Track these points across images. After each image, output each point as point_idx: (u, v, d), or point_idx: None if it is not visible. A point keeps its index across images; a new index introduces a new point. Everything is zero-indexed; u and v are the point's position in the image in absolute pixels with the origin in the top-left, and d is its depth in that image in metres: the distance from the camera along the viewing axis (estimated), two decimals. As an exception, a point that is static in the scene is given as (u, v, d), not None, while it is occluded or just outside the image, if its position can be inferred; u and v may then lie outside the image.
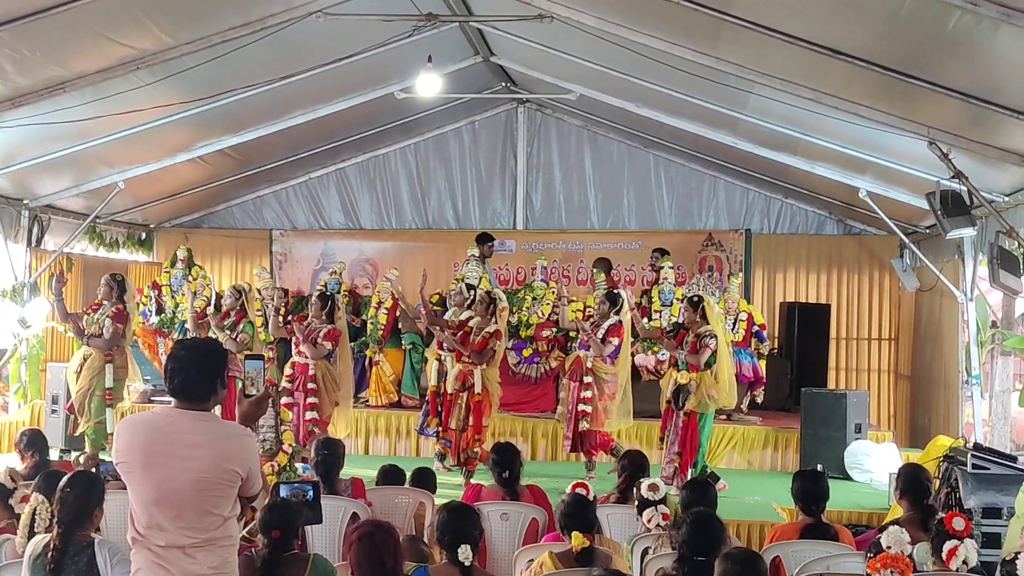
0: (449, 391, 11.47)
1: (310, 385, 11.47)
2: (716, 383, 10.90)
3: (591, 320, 11.85)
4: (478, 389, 11.28)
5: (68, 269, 14.16)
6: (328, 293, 12.24)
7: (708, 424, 10.97)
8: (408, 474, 8.94)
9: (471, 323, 11.55)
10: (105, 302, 11.72)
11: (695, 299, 11.09)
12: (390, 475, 8.79)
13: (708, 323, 10.88)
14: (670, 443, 10.89)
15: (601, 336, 11.46)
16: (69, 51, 9.92)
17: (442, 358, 11.96)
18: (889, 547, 5.13)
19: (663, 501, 6.78)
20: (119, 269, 15.96)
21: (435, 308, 12.59)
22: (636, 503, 6.93)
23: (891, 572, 5.15)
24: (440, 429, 11.57)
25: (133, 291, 12.24)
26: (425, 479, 8.79)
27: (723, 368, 11.05)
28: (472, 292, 12.03)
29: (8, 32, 8.82)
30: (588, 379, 11.50)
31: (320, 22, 10.46)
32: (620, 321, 11.62)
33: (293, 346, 11.83)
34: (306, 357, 11.55)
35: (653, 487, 6.86)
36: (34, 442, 8.62)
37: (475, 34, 13.29)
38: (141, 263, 17.56)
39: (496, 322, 11.39)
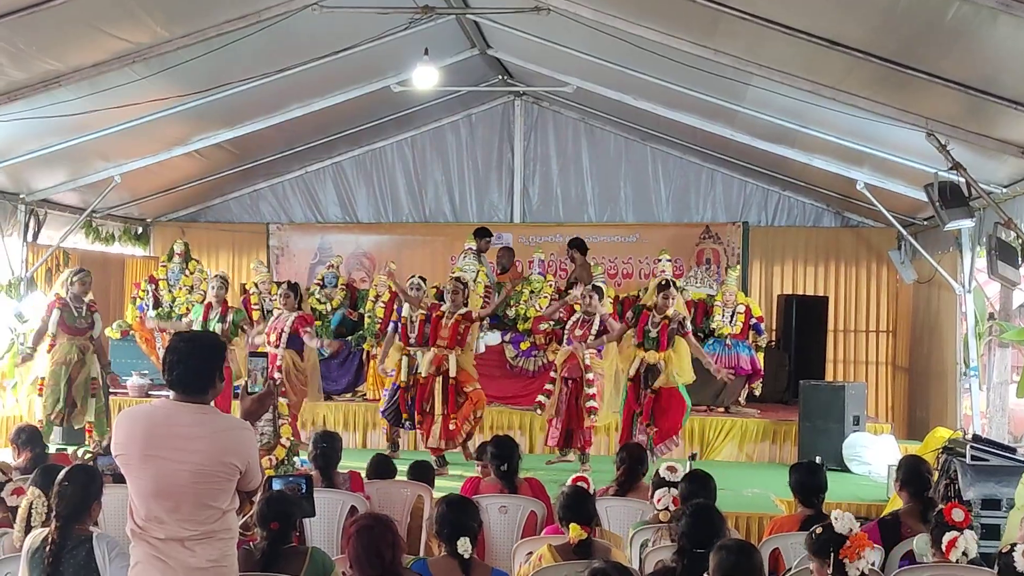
0: (423, 374, 11.61)
1: (275, 375, 11.38)
2: (679, 360, 11.17)
3: (578, 317, 11.88)
4: (452, 372, 11.43)
5: (65, 264, 14.20)
6: (294, 283, 12.28)
7: (684, 392, 11.27)
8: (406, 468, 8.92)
9: (443, 307, 11.77)
10: (77, 294, 11.90)
11: (663, 283, 11.32)
12: (381, 466, 8.76)
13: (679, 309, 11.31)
14: (641, 420, 11.08)
15: (597, 331, 11.57)
16: (64, 45, 9.87)
17: (411, 352, 11.95)
18: (851, 530, 5.09)
19: (676, 485, 6.82)
20: (115, 263, 16.68)
21: (433, 301, 12.52)
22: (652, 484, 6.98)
23: (869, 551, 5.12)
24: (417, 417, 11.74)
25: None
26: (423, 473, 8.77)
27: (681, 345, 11.23)
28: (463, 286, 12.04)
29: (3, 26, 8.77)
30: (590, 375, 11.57)
31: (316, 15, 10.40)
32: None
33: (264, 336, 11.87)
34: (274, 347, 11.60)
35: (672, 468, 6.93)
36: (32, 439, 8.60)
37: (472, 27, 13.23)
38: (138, 257, 17.53)
39: (467, 305, 11.76)
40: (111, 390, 12.37)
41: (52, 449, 10.22)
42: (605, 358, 11.85)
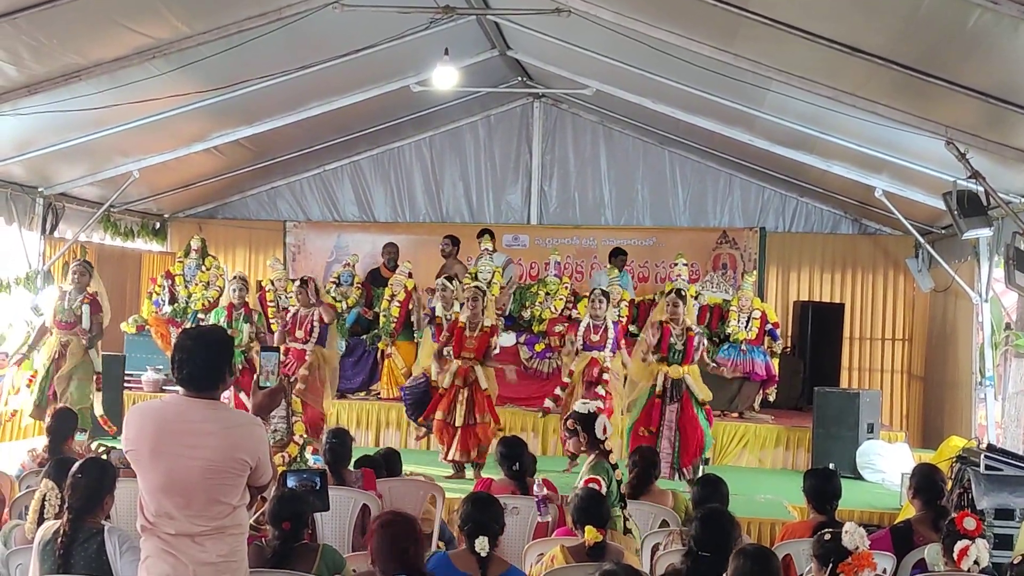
0: (445, 386, 11.54)
1: (302, 371, 11.61)
2: (696, 377, 11.20)
3: (588, 323, 11.95)
4: (484, 384, 11.41)
5: (82, 257, 14.09)
6: (306, 279, 12.32)
7: (703, 410, 11.17)
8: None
9: (462, 318, 11.66)
10: (73, 288, 11.84)
11: (671, 292, 11.41)
12: (390, 458, 8.77)
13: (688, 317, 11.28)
14: (666, 438, 10.97)
15: (613, 337, 11.77)
16: (86, 39, 9.88)
17: (446, 353, 11.93)
18: (857, 548, 5.08)
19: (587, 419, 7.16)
20: (133, 258, 16.80)
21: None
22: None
23: (868, 571, 5.10)
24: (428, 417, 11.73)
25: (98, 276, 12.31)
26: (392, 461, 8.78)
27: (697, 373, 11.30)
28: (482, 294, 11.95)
29: (25, 19, 8.78)
30: (607, 376, 11.68)
31: (337, 13, 10.43)
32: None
33: (287, 334, 11.92)
34: (302, 343, 11.72)
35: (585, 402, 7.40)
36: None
37: (492, 27, 13.28)
38: (155, 253, 17.63)
39: (487, 315, 11.61)
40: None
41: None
42: (616, 362, 11.91)
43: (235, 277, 13.02)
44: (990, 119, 8.80)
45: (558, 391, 12.30)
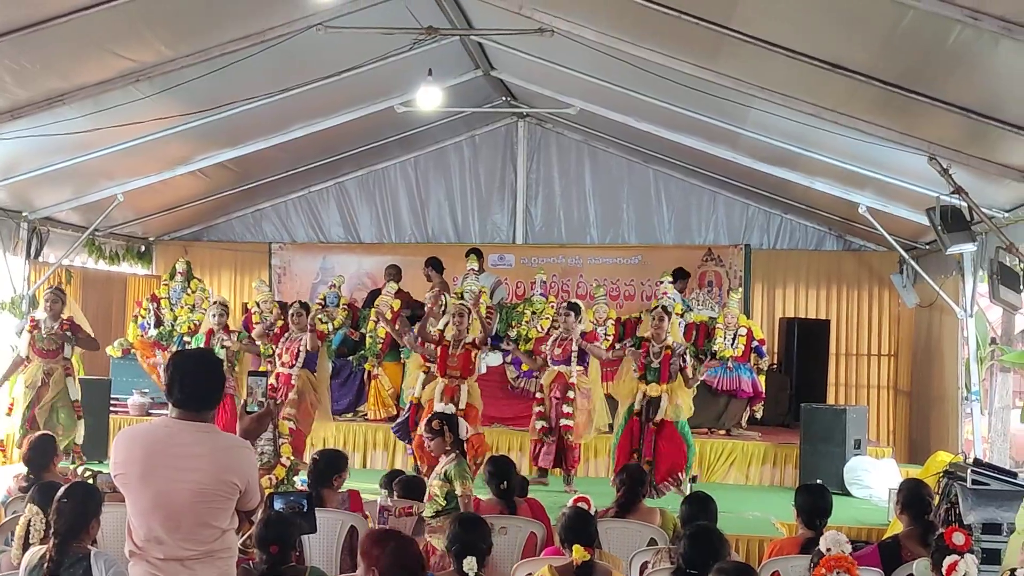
0: (428, 398, 11.55)
1: (292, 396, 11.67)
2: (684, 391, 11.19)
3: (556, 337, 11.95)
4: (462, 404, 11.24)
5: (67, 282, 14.28)
6: (305, 302, 12.51)
7: (687, 430, 11.24)
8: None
9: (447, 334, 11.65)
10: (47, 316, 11.82)
11: (667, 309, 11.43)
12: (409, 486, 8.71)
13: (671, 334, 11.27)
14: (643, 455, 10.97)
15: (578, 348, 11.67)
16: (69, 63, 9.89)
17: (430, 369, 11.94)
18: (829, 549, 5.07)
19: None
20: (118, 282, 16.74)
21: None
22: None
23: (838, 573, 5.11)
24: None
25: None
26: (413, 489, 8.69)
27: (683, 388, 11.28)
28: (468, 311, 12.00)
29: (8, 43, 8.77)
30: (571, 394, 11.62)
31: (320, 35, 10.44)
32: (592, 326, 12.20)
33: (276, 357, 12.02)
34: (288, 367, 11.78)
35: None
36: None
37: (475, 48, 13.31)
38: (140, 276, 17.57)
39: (470, 330, 11.64)
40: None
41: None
42: (589, 377, 11.89)
43: (216, 302, 12.95)
44: (972, 134, 8.85)
45: (537, 408, 12.12)
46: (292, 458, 9.24)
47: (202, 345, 12.47)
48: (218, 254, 17.91)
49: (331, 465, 7.74)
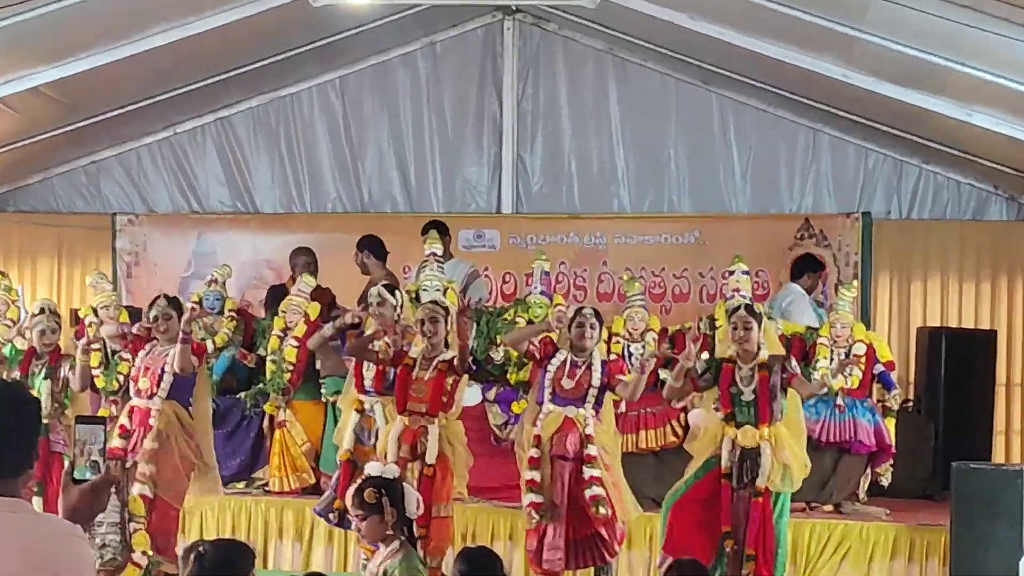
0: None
1: (147, 444, 9.38)
2: (793, 437, 9.27)
3: (564, 359, 9.70)
4: (431, 459, 9.11)
5: None
6: (173, 297, 10.42)
7: (786, 509, 9.39)
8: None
9: (412, 352, 9.61)
10: None
11: (753, 309, 9.38)
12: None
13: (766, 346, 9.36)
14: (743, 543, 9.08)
15: (600, 382, 9.39)
16: None
17: (366, 408, 9.79)
18: None
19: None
20: None
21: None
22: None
23: None
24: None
25: None
26: None
27: (792, 411, 9.26)
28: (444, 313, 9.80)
29: None
30: (591, 450, 9.33)
31: None
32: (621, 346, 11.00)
33: (131, 383, 10.20)
34: (147, 397, 9.84)
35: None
36: None
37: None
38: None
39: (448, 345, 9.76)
40: None
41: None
42: (604, 419, 9.66)
43: (42, 309, 10.77)
44: None
45: (528, 475, 9.66)
46: (151, 553, 8.60)
47: (16, 373, 10.55)
48: (33, 232, 14.55)
49: (227, 567, 5.81)
